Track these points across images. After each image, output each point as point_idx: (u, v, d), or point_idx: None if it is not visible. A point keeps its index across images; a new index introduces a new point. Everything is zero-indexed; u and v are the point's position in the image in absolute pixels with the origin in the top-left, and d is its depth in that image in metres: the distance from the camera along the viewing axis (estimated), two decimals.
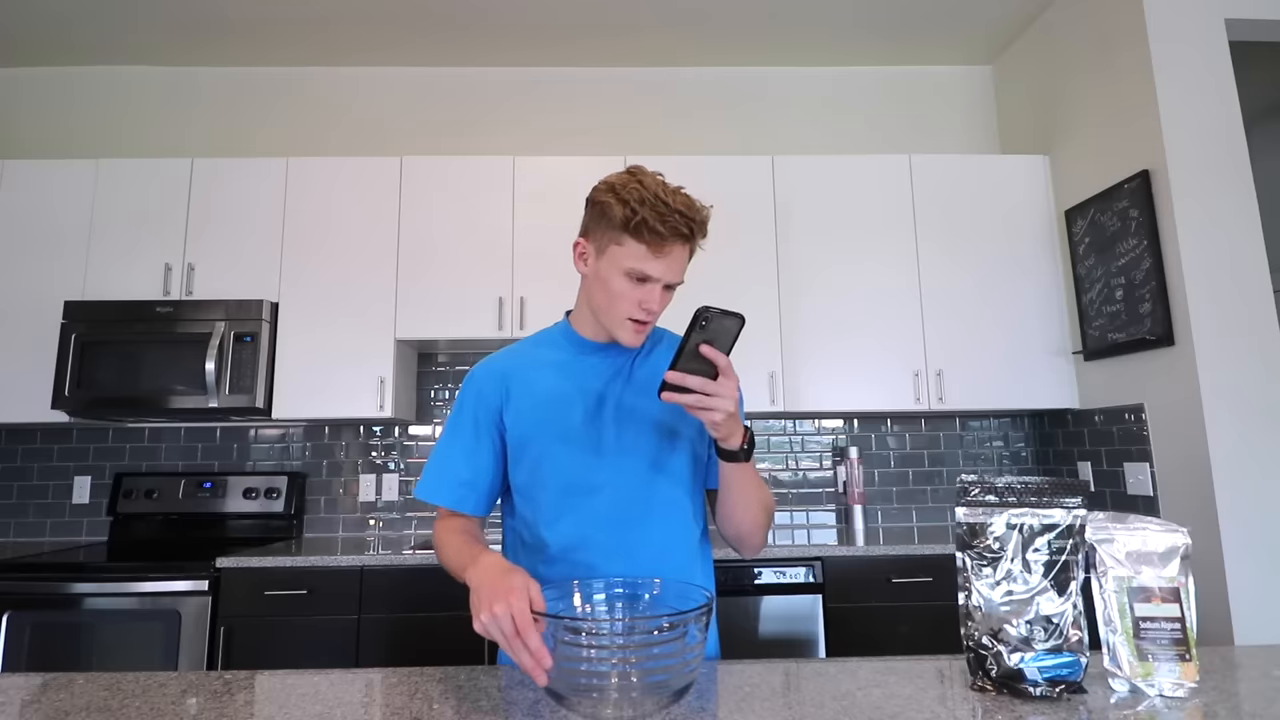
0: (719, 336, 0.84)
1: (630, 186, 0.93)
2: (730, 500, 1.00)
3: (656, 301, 0.97)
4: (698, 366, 0.84)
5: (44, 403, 2.45)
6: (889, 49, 3.03)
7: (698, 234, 0.95)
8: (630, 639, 0.72)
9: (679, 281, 0.98)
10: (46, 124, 3.02)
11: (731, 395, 0.85)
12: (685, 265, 0.98)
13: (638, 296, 0.96)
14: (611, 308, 0.98)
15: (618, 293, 0.96)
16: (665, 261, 0.94)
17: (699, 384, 0.84)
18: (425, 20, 2.78)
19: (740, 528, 1.02)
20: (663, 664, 0.70)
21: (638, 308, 0.97)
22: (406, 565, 2.13)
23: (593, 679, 0.70)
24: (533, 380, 1.05)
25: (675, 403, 0.85)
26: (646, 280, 0.95)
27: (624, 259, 0.95)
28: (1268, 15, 2.24)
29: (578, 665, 0.70)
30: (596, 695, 0.70)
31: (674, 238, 0.93)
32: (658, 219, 0.91)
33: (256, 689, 0.85)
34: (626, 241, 0.94)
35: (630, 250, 0.94)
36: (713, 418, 0.86)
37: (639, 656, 0.70)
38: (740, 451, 0.92)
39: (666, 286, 0.98)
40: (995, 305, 2.62)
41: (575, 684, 0.71)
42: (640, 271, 0.94)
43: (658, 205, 0.91)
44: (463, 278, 2.57)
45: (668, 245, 0.93)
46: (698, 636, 0.73)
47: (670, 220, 0.91)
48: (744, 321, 0.84)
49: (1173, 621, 0.79)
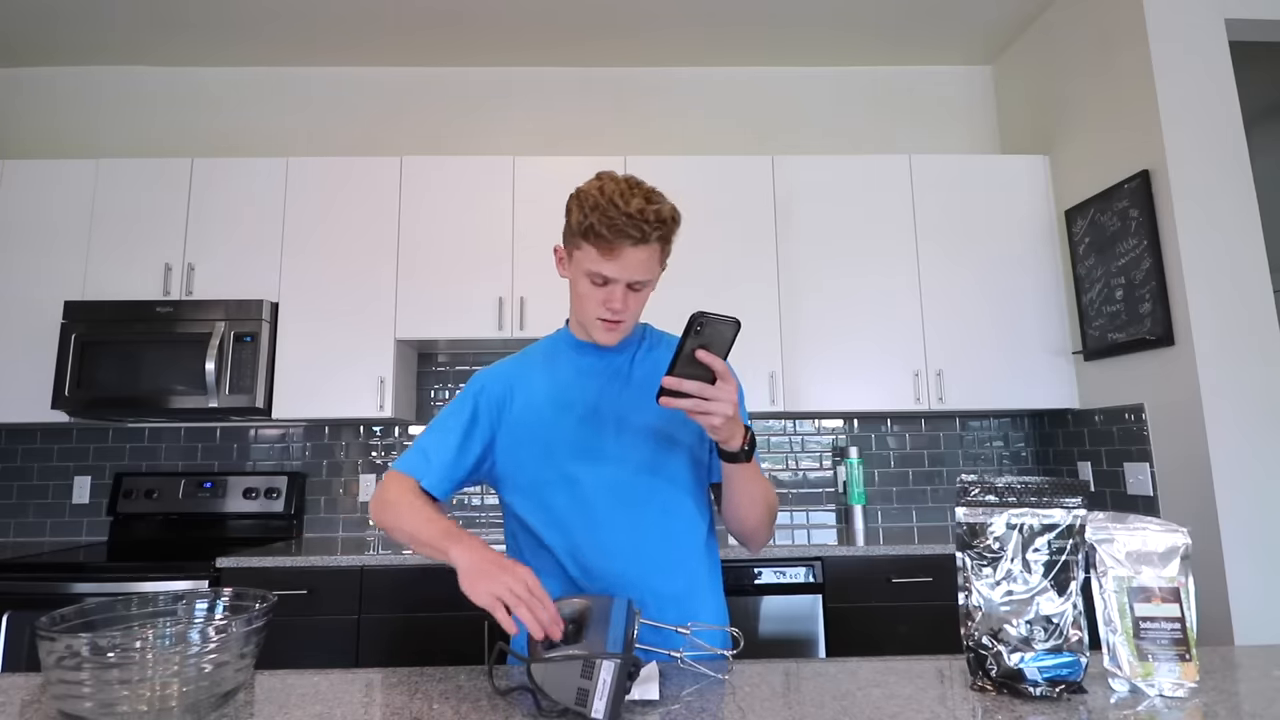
0: (714, 341, 0.84)
1: (589, 192, 0.96)
2: (734, 498, 1.01)
3: (619, 301, 0.98)
4: (694, 371, 0.84)
5: (44, 403, 2.45)
6: (889, 49, 3.03)
7: (650, 235, 0.94)
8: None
9: (642, 280, 0.98)
10: (47, 124, 3.02)
11: (729, 399, 0.85)
12: (649, 264, 0.97)
13: (601, 297, 0.98)
14: (582, 309, 1.02)
15: (584, 295, 1.00)
16: (618, 263, 0.95)
17: (696, 389, 0.84)
18: (425, 20, 2.78)
19: (745, 524, 1.04)
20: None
21: (603, 308, 0.99)
22: (406, 565, 2.13)
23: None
24: (535, 386, 1.07)
25: (673, 407, 0.85)
26: (606, 282, 0.97)
27: (583, 262, 0.98)
28: (1268, 15, 2.24)
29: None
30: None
31: (621, 240, 0.93)
32: (605, 223, 0.92)
33: (256, 689, 0.85)
34: (583, 245, 0.97)
35: (586, 253, 0.97)
36: (711, 421, 0.86)
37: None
38: (741, 452, 0.93)
39: (632, 287, 0.98)
40: (995, 305, 2.62)
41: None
42: (597, 274, 0.96)
43: (608, 210, 0.92)
44: (463, 278, 2.57)
45: (616, 248, 0.94)
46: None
47: (617, 223, 0.92)
48: (739, 326, 0.84)
49: (1173, 621, 0.79)
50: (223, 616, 0.85)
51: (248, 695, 0.82)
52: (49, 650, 0.66)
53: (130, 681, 0.66)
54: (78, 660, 0.66)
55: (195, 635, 0.83)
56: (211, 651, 0.70)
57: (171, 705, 0.68)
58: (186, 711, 0.69)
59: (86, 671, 0.66)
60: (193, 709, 0.70)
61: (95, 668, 0.67)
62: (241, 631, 0.73)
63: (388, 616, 2.10)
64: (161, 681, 0.67)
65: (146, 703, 0.67)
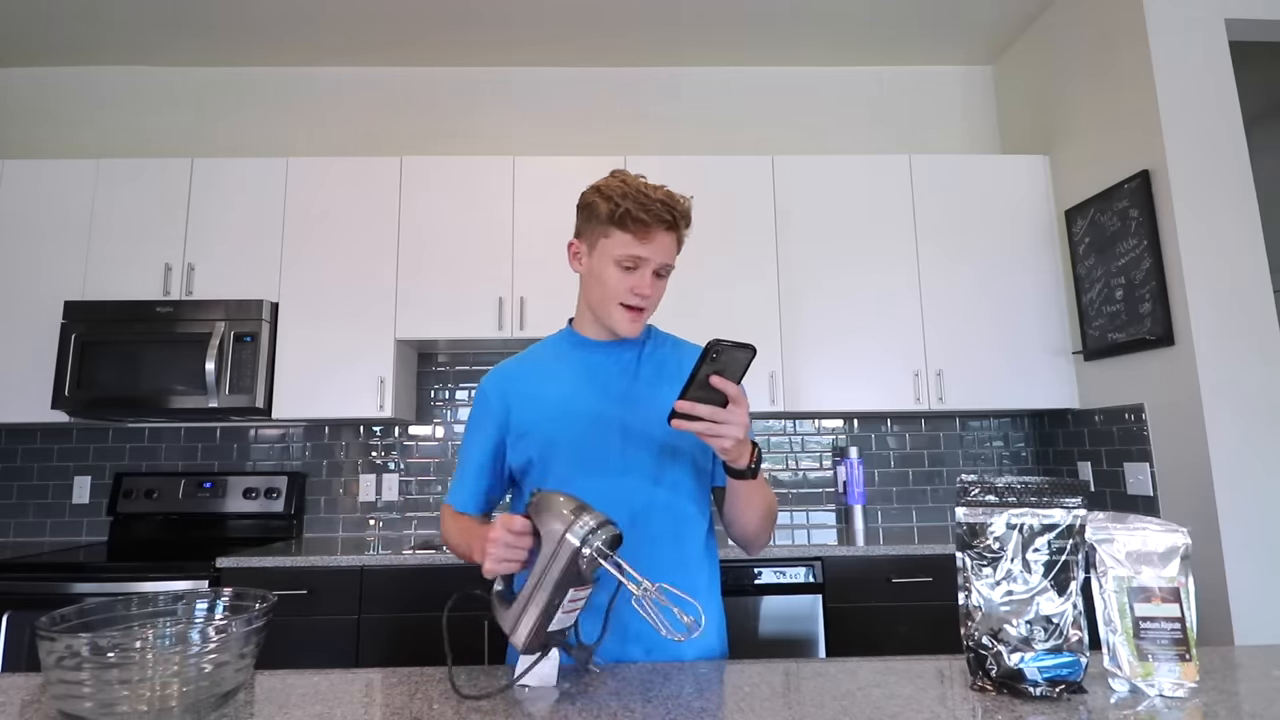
0: (729, 367, 0.85)
1: (613, 185, 1.02)
2: (736, 508, 1.03)
3: (647, 286, 1.02)
4: (707, 395, 0.86)
5: (44, 403, 2.45)
6: (889, 49, 3.03)
7: (680, 222, 1.02)
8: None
9: (669, 265, 1.04)
10: (46, 124, 3.02)
11: (741, 423, 0.87)
12: (674, 251, 1.04)
13: (629, 284, 1.02)
14: (605, 298, 1.04)
15: (611, 283, 1.03)
16: (652, 245, 1.01)
17: (709, 412, 0.86)
18: (425, 20, 2.78)
19: (746, 530, 1.05)
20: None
21: (630, 294, 1.02)
22: (406, 565, 2.13)
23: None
24: (537, 387, 1.08)
25: (684, 430, 0.87)
26: (636, 267, 1.01)
27: (613, 249, 1.02)
28: (1268, 15, 2.24)
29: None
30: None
31: (657, 224, 1.00)
32: (640, 208, 0.99)
33: (256, 689, 0.85)
34: (614, 233, 1.01)
35: (618, 240, 1.01)
36: (722, 444, 0.88)
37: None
38: (748, 470, 0.95)
39: (658, 274, 1.03)
40: (995, 305, 2.62)
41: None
42: (629, 257, 1.01)
43: (639, 197, 0.99)
44: (463, 278, 2.57)
45: (652, 231, 1.00)
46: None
47: (653, 209, 0.99)
48: (755, 353, 0.85)
49: (1173, 621, 0.79)
50: (223, 616, 0.85)
51: (248, 695, 0.82)
52: (49, 650, 0.66)
53: (130, 681, 0.66)
54: (78, 660, 0.66)
55: (195, 635, 0.83)
56: (211, 651, 0.70)
57: (171, 705, 0.68)
58: (186, 711, 0.69)
59: (86, 671, 0.66)
60: (193, 709, 0.70)
61: (95, 668, 0.67)
62: (241, 631, 0.73)
63: (387, 616, 2.10)
64: (161, 681, 0.67)
65: (146, 703, 0.67)
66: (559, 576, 0.80)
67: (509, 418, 1.08)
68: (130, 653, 0.72)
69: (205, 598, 0.86)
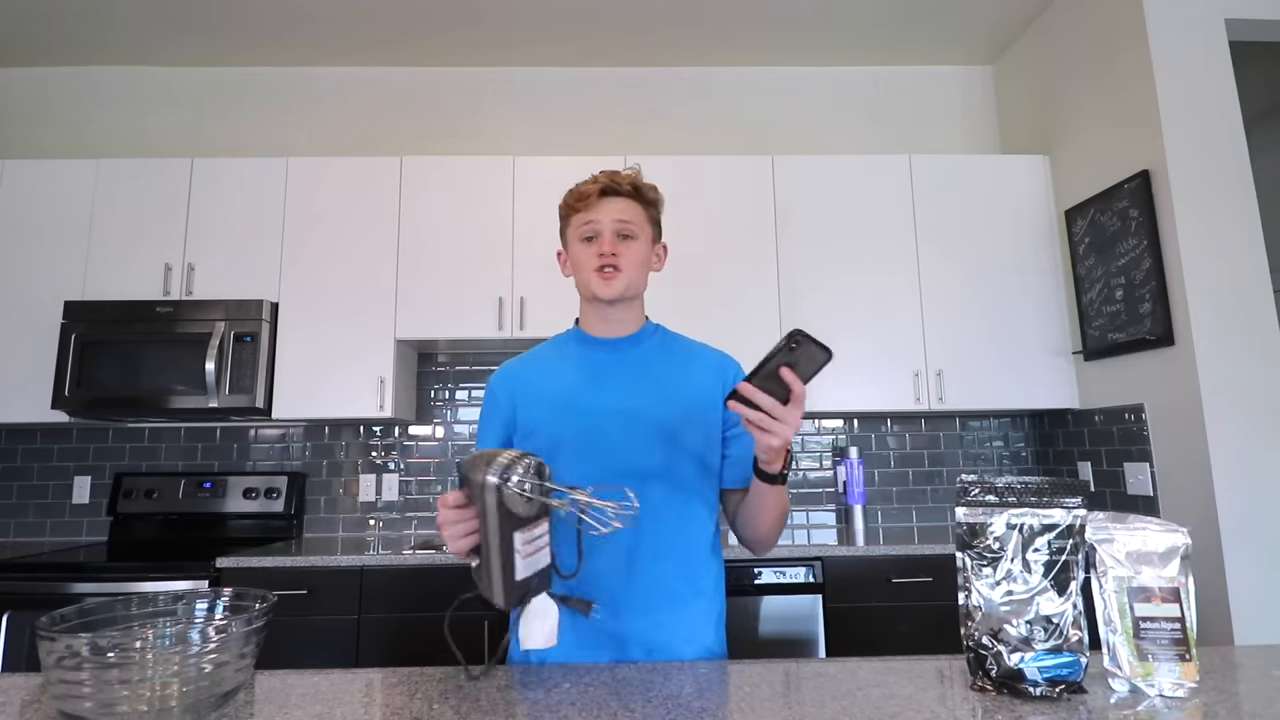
0: (802, 363, 0.82)
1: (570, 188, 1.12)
2: (753, 509, 1.03)
3: (609, 244, 1.06)
4: (771, 387, 0.82)
5: (44, 403, 2.45)
6: (889, 49, 3.03)
7: (622, 186, 1.08)
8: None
9: (627, 222, 1.07)
10: (46, 124, 3.02)
11: (795, 424, 0.84)
12: (631, 213, 1.08)
13: (594, 250, 1.08)
14: (580, 273, 1.10)
15: (581, 260, 1.09)
16: (599, 209, 1.07)
17: (770, 404, 0.82)
18: (426, 20, 2.78)
19: (758, 531, 1.05)
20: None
21: (596, 257, 1.07)
22: (406, 565, 2.13)
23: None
24: (543, 385, 1.09)
25: (738, 413, 0.84)
26: (595, 235, 1.08)
27: (573, 230, 1.10)
28: (1268, 15, 2.24)
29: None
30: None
31: (598, 193, 1.07)
32: (579, 190, 1.09)
33: (256, 689, 0.85)
34: (570, 218, 1.11)
35: (574, 221, 1.10)
36: (770, 441, 0.85)
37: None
38: (780, 475, 0.94)
39: (621, 235, 1.07)
40: (995, 305, 2.62)
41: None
42: (584, 227, 1.08)
43: (581, 183, 1.10)
44: (463, 277, 2.57)
45: (593, 201, 1.07)
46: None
47: (588, 186, 1.08)
48: (831, 357, 0.82)
49: (1173, 621, 0.79)
50: (223, 616, 0.85)
51: (248, 695, 0.82)
52: (49, 650, 0.66)
53: (130, 681, 0.66)
54: (78, 660, 0.66)
55: (195, 635, 0.83)
56: (211, 651, 0.70)
57: (171, 705, 0.68)
58: (186, 711, 0.69)
59: (86, 671, 0.66)
60: (193, 709, 0.70)
61: (95, 668, 0.67)
62: (241, 631, 0.73)
63: (387, 616, 2.10)
64: (161, 681, 0.67)
65: (146, 703, 0.67)
66: (498, 522, 0.80)
67: (515, 416, 1.08)
68: (130, 653, 0.72)
69: (205, 598, 0.86)
